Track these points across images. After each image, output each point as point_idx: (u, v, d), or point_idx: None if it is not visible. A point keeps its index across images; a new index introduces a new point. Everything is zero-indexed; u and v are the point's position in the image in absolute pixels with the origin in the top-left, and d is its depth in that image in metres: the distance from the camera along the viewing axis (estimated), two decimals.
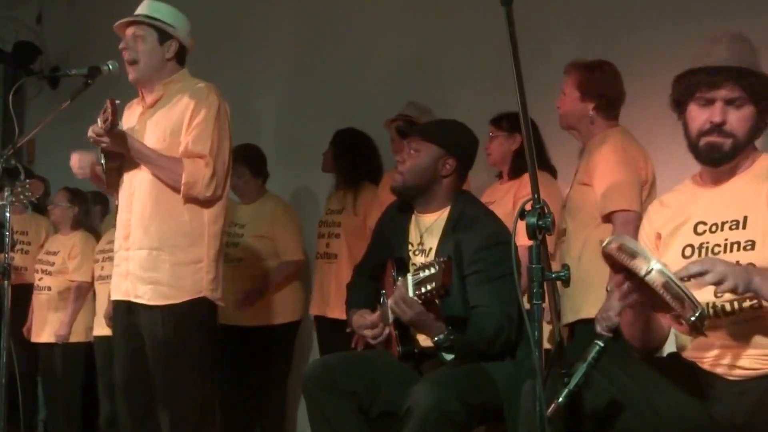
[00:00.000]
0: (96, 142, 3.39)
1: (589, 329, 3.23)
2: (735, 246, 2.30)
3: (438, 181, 3.17)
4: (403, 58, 5.23)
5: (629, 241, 2.12)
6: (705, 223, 2.38)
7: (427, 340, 3.00)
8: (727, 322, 2.29)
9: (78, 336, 5.57)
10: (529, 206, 2.10)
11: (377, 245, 3.36)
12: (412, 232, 3.22)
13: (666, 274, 2.04)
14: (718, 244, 2.32)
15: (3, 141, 6.46)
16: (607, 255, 2.15)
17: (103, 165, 3.53)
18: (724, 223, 2.35)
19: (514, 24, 2.09)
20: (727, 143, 2.37)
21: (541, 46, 4.36)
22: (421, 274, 2.81)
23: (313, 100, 5.69)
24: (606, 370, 2.24)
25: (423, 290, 2.80)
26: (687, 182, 2.55)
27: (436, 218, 3.17)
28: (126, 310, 3.50)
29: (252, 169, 5.03)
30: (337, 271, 4.77)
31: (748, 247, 2.28)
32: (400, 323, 3.00)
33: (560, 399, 2.11)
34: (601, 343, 2.16)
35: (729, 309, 2.28)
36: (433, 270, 2.77)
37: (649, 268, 2.05)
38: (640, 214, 3.31)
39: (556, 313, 2.18)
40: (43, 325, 5.62)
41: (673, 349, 2.48)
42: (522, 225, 2.10)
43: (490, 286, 2.96)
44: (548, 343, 3.10)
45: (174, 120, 3.47)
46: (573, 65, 3.62)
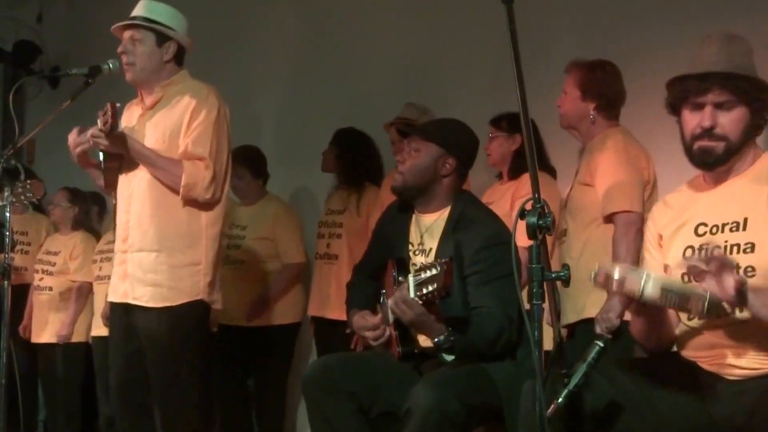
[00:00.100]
0: (95, 144, 3.39)
1: (590, 329, 3.25)
2: (735, 248, 2.30)
3: (438, 180, 3.16)
4: (403, 58, 5.23)
5: (613, 268, 2.11)
6: (706, 225, 2.39)
7: (427, 341, 2.99)
8: (726, 322, 2.28)
9: (78, 336, 5.56)
10: (529, 206, 2.10)
11: (377, 245, 3.36)
12: (412, 232, 3.21)
13: (659, 284, 2.05)
14: (718, 246, 2.32)
15: (3, 141, 6.45)
16: (600, 287, 2.15)
17: (102, 165, 3.53)
18: (724, 225, 2.35)
19: (515, 22, 2.08)
20: (720, 146, 2.37)
21: (541, 46, 4.36)
22: (423, 275, 2.79)
23: (313, 100, 5.69)
24: (606, 371, 2.24)
25: (424, 291, 2.78)
26: (690, 182, 2.55)
27: (437, 218, 3.16)
28: (123, 312, 3.49)
29: (252, 171, 5.02)
30: (338, 271, 4.75)
31: (748, 250, 2.28)
32: (400, 324, 2.99)
33: (560, 399, 2.11)
34: (601, 344, 2.16)
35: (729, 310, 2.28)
36: (434, 271, 2.76)
37: (641, 289, 2.06)
38: (641, 215, 3.31)
39: (556, 314, 2.17)
40: (44, 326, 5.61)
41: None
42: (522, 225, 2.10)
43: (491, 287, 2.96)
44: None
45: (173, 121, 3.47)
46: (574, 64, 3.62)
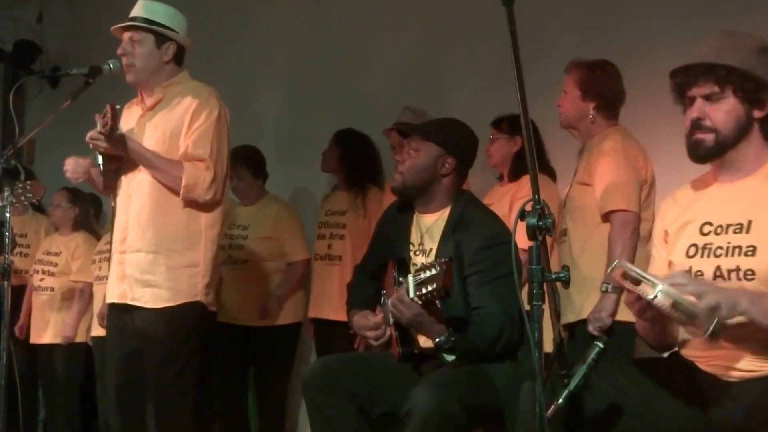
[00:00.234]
0: (94, 147, 3.39)
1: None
2: (736, 250, 2.30)
3: (438, 180, 3.16)
4: (402, 58, 5.22)
5: (632, 267, 2.13)
6: (711, 224, 2.38)
7: (427, 341, 2.98)
8: (725, 324, 2.28)
9: (79, 337, 5.55)
10: (529, 207, 2.10)
11: (378, 245, 3.35)
12: (413, 233, 3.21)
13: (672, 295, 2.05)
14: (721, 247, 2.32)
15: (3, 141, 6.44)
16: (616, 282, 2.16)
17: (101, 167, 3.53)
18: (729, 226, 2.34)
19: (515, 24, 2.08)
20: (709, 138, 2.37)
21: (541, 46, 4.36)
22: (422, 275, 2.79)
23: (313, 100, 5.68)
24: (605, 372, 2.24)
25: (424, 291, 2.78)
26: (699, 178, 2.54)
27: (437, 218, 3.16)
28: (121, 313, 3.49)
29: (252, 171, 5.02)
30: (341, 273, 4.74)
31: (749, 253, 2.28)
32: (400, 324, 2.99)
33: (560, 400, 2.10)
34: (601, 345, 2.15)
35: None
36: (434, 271, 2.76)
37: (655, 293, 2.06)
38: (638, 215, 3.32)
39: (556, 314, 2.17)
40: (44, 326, 5.59)
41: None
42: (521, 227, 2.09)
43: (491, 287, 2.95)
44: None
45: (174, 123, 3.47)
46: (574, 64, 3.62)
